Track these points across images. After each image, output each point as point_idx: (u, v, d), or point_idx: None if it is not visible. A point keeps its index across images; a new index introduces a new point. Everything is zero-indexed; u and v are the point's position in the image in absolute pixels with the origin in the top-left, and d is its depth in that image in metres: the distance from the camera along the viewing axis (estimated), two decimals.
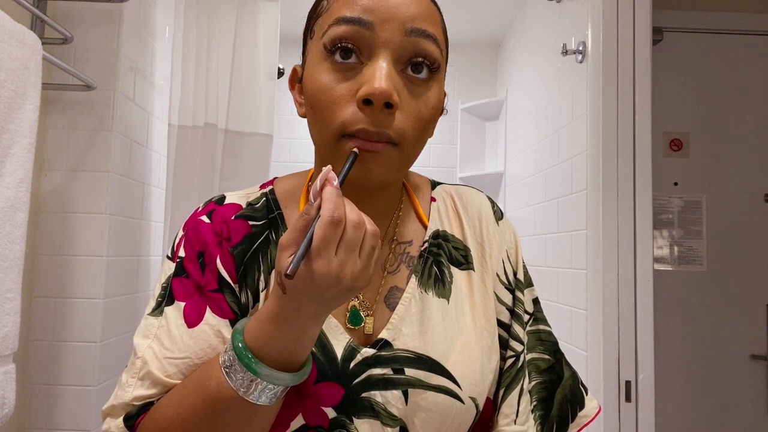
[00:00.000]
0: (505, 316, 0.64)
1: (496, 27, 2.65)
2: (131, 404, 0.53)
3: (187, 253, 0.59)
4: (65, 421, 1.41)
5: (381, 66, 0.51)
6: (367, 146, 0.51)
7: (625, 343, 1.46)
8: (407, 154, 0.54)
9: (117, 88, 1.48)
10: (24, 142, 1.12)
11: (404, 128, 0.52)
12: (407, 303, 0.59)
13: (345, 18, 0.52)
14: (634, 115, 1.52)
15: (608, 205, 1.50)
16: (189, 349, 0.54)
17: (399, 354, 0.57)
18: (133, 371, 0.55)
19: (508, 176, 2.54)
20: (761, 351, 1.98)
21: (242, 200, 0.63)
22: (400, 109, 0.52)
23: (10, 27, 1.08)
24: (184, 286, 0.57)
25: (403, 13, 0.52)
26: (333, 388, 0.55)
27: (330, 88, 0.52)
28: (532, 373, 0.64)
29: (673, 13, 2.02)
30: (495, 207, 0.69)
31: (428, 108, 0.54)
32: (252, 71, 1.80)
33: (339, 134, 0.52)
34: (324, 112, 0.53)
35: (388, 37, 0.51)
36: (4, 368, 1.08)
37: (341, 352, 0.56)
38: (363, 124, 0.51)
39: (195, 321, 0.56)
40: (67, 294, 1.43)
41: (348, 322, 0.58)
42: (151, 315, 0.58)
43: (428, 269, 0.62)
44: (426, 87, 0.54)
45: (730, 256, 2.00)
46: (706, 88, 2.04)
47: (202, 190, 1.72)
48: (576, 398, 0.64)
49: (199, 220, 0.60)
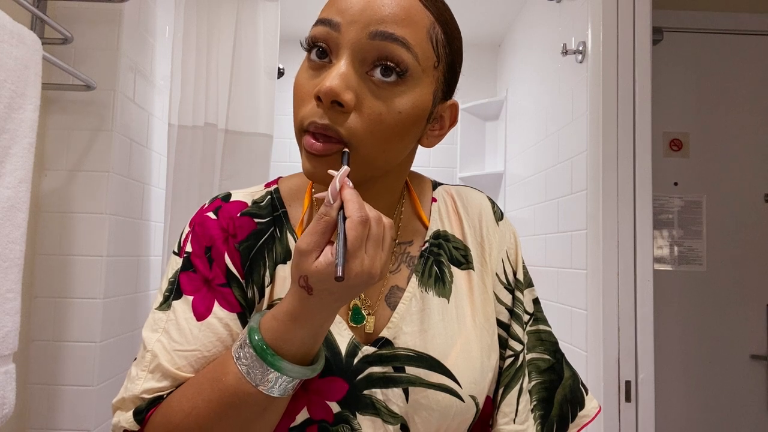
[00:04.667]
0: (504, 315, 0.65)
1: (496, 27, 2.65)
2: (141, 397, 0.54)
3: (194, 248, 0.59)
4: (65, 421, 1.41)
5: (340, 66, 0.51)
6: (308, 146, 0.52)
7: (625, 343, 1.46)
8: (363, 155, 0.53)
9: (117, 88, 1.48)
10: (24, 142, 1.12)
11: (356, 128, 0.51)
12: (408, 302, 0.60)
13: (321, 19, 0.54)
14: (634, 115, 1.52)
15: (608, 205, 1.50)
16: (198, 342, 0.55)
17: (400, 352, 0.57)
18: (143, 364, 0.55)
19: (508, 176, 2.54)
20: (761, 351, 1.98)
21: (248, 198, 0.63)
22: (357, 110, 0.51)
23: (10, 27, 1.08)
24: (192, 280, 0.58)
25: (369, 15, 0.52)
26: (338, 383, 0.56)
27: (301, 85, 0.54)
28: (532, 373, 0.64)
29: (673, 13, 2.02)
30: (495, 207, 0.69)
31: (392, 113, 0.52)
32: (252, 71, 1.80)
33: (300, 129, 0.54)
34: (294, 106, 0.55)
35: (351, 38, 0.52)
36: (4, 368, 1.08)
37: (345, 348, 0.57)
38: (314, 117, 0.51)
39: (204, 314, 0.56)
40: (67, 294, 1.43)
41: (350, 320, 0.59)
42: (158, 309, 0.58)
43: (429, 269, 0.62)
44: (394, 92, 0.52)
45: (730, 256, 2.00)
46: (706, 88, 2.05)
47: (202, 190, 1.73)
48: (576, 398, 0.65)
49: (206, 216, 0.61)
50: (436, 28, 0.55)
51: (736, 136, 2.03)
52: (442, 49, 0.56)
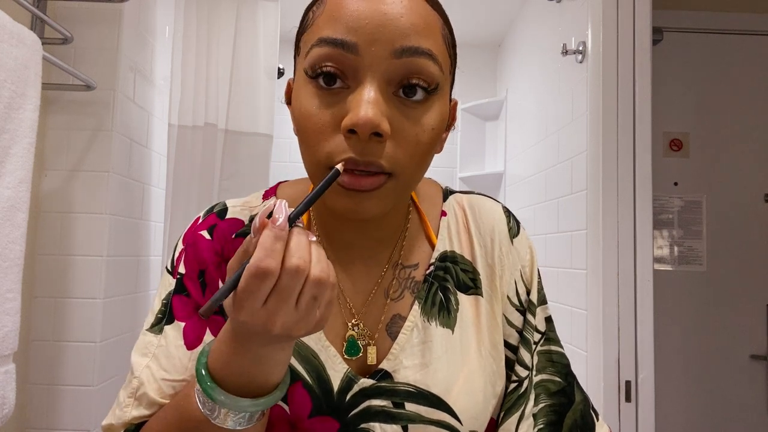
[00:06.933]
0: (514, 338, 0.62)
1: (496, 27, 2.65)
2: (131, 423, 0.54)
3: (187, 271, 0.58)
4: (65, 421, 1.41)
5: (367, 92, 0.46)
6: (354, 184, 0.47)
7: (625, 343, 1.46)
8: (405, 182, 0.50)
9: (117, 88, 1.48)
10: (24, 142, 1.12)
11: (398, 157, 0.48)
12: (409, 333, 0.57)
13: (327, 39, 0.47)
14: (634, 115, 1.52)
15: (608, 205, 1.50)
16: (187, 372, 0.54)
17: (399, 387, 0.55)
18: (130, 390, 0.54)
19: (508, 176, 2.54)
20: (761, 351, 1.98)
21: (245, 214, 0.60)
22: (392, 137, 0.47)
23: (10, 27, 1.07)
24: (184, 305, 0.57)
25: (391, 31, 0.46)
26: (328, 423, 0.54)
27: (314, 116, 0.48)
28: (541, 395, 0.61)
29: (673, 13, 2.02)
30: (510, 222, 0.64)
31: (426, 131, 0.49)
32: (252, 71, 1.80)
33: (326, 166, 0.48)
34: (310, 140, 0.49)
35: (374, 60, 0.46)
36: (4, 368, 1.08)
37: (338, 384, 0.54)
38: (349, 153, 0.46)
39: (194, 342, 0.55)
40: (67, 294, 1.43)
41: (345, 353, 0.56)
42: (149, 331, 0.57)
43: (432, 296, 0.59)
44: (423, 109, 0.49)
45: (730, 256, 2.00)
46: (706, 88, 2.05)
47: (202, 190, 1.73)
48: (586, 423, 0.61)
49: (199, 235, 0.59)
50: (445, 28, 0.51)
51: (736, 136, 2.03)
52: (451, 50, 0.53)
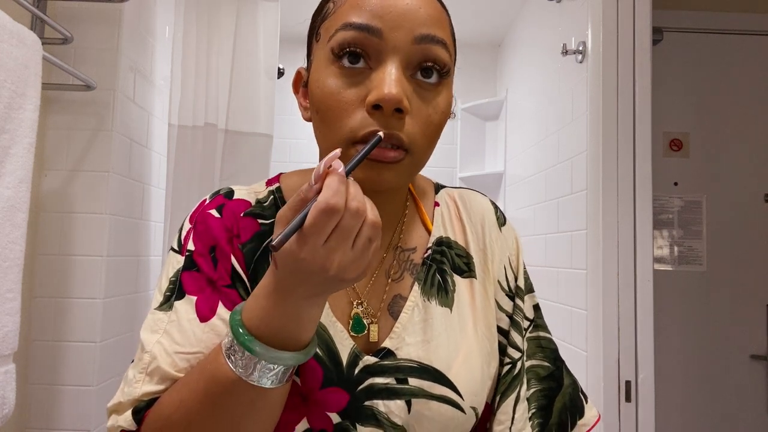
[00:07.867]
0: (504, 323, 0.64)
1: (496, 27, 2.65)
2: (140, 400, 0.53)
3: (197, 247, 0.58)
4: (65, 421, 1.41)
5: (390, 71, 0.50)
6: (379, 156, 0.50)
7: (625, 343, 1.46)
8: (417, 159, 0.54)
9: (117, 88, 1.48)
10: (24, 142, 1.12)
11: (415, 133, 0.52)
12: (410, 312, 0.59)
13: (353, 24, 0.51)
14: (634, 115, 1.52)
15: (608, 205, 1.50)
16: (201, 344, 0.53)
17: (403, 363, 0.57)
18: (141, 366, 0.53)
19: (508, 176, 2.54)
20: (761, 351, 1.98)
21: (251, 197, 0.62)
22: (410, 115, 0.52)
23: (10, 27, 1.07)
24: (195, 280, 0.56)
25: (412, 19, 0.52)
26: (338, 394, 0.55)
27: (338, 93, 0.52)
28: (531, 381, 0.63)
29: (673, 13, 2.02)
30: (498, 212, 0.69)
31: (438, 113, 0.54)
32: (252, 71, 1.80)
33: (349, 141, 0.51)
34: (332, 117, 0.52)
35: (397, 43, 0.51)
36: (4, 368, 1.08)
37: (346, 358, 0.56)
38: (373, 126, 0.50)
39: (207, 315, 0.55)
40: (67, 294, 1.43)
41: (351, 330, 0.58)
42: (158, 309, 0.56)
43: (431, 277, 0.62)
44: (436, 92, 0.54)
45: (730, 256, 2.01)
46: (706, 88, 2.05)
47: (202, 190, 1.72)
48: (576, 406, 0.64)
49: (208, 213, 0.59)
50: (450, 25, 0.57)
51: (736, 136, 2.03)
52: (455, 46, 0.58)
